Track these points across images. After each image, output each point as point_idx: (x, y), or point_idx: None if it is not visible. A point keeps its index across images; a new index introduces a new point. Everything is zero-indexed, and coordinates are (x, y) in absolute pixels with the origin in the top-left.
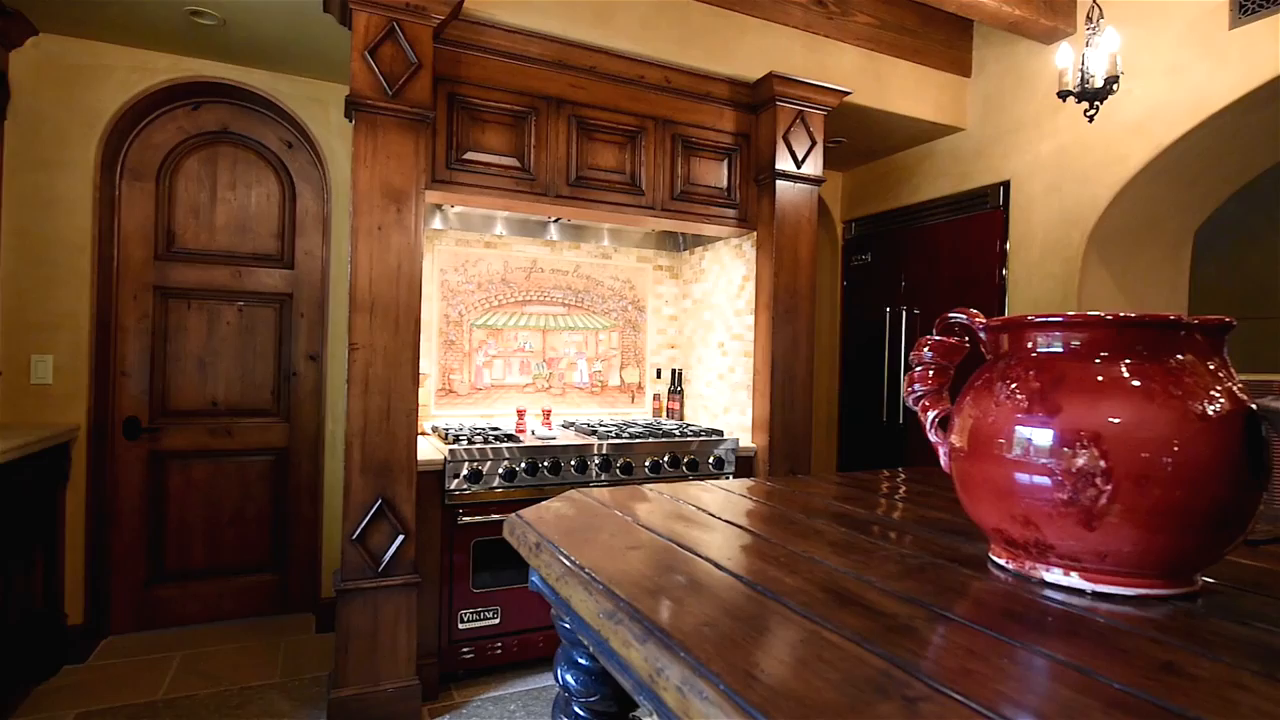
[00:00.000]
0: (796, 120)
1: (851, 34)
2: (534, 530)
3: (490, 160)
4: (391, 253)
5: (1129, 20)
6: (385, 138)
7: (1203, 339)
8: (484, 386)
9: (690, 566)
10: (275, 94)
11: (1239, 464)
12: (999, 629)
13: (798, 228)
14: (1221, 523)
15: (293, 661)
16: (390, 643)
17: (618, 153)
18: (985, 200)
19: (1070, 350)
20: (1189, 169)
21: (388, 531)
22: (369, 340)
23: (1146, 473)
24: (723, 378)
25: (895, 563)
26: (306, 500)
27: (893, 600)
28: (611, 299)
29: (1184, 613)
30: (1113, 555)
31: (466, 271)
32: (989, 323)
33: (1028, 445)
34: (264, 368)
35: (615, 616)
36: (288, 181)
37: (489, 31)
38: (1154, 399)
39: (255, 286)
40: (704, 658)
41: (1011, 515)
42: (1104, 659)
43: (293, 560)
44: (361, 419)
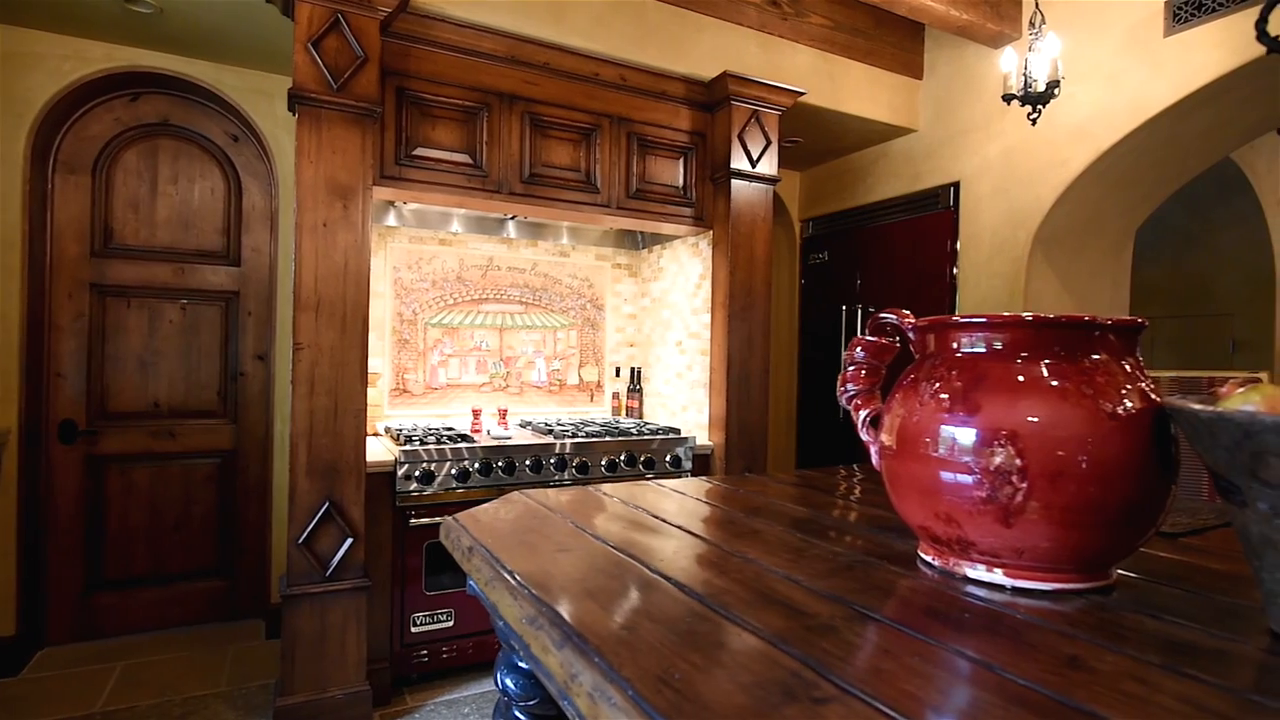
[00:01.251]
0: (752, 120)
1: (806, 35)
2: (468, 533)
3: (441, 156)
4: (338, 250)
5: (1070, 26)
6: (330, 132)
7: (1116, 339)
8: (439, 386)
9: (621, 569)
10: (218, 86)
11: (1149, 461)
12: (917, 627)
13: (753, 227)
14: (1133, 518)
15: (240, 669)
16: (339, 648)
17: (572, 150)
18: (936, 201)
19: (992, 350)
20: (1129, 171)
21: (335, 535)
22: (314, 340)
23: (1060, 470)
24: (681, 376)
25: (826, 561)
26: (255, 503)
27: (817, 599)
28: (570, 297)
29: (1097, 606)
30: (1029, 551)
31: (421, 269)
32: (916, 323)
33: (949, 444)
34: (209, 368)
35: (536, 622)
36: (233, 176)
37: (439, 25)
38: (1068, 399)
39: (199, 284)
40: (617, 663)
41: (935, 513)
42: (1013, 654)
43: (241, 565)
44: (307, 420)
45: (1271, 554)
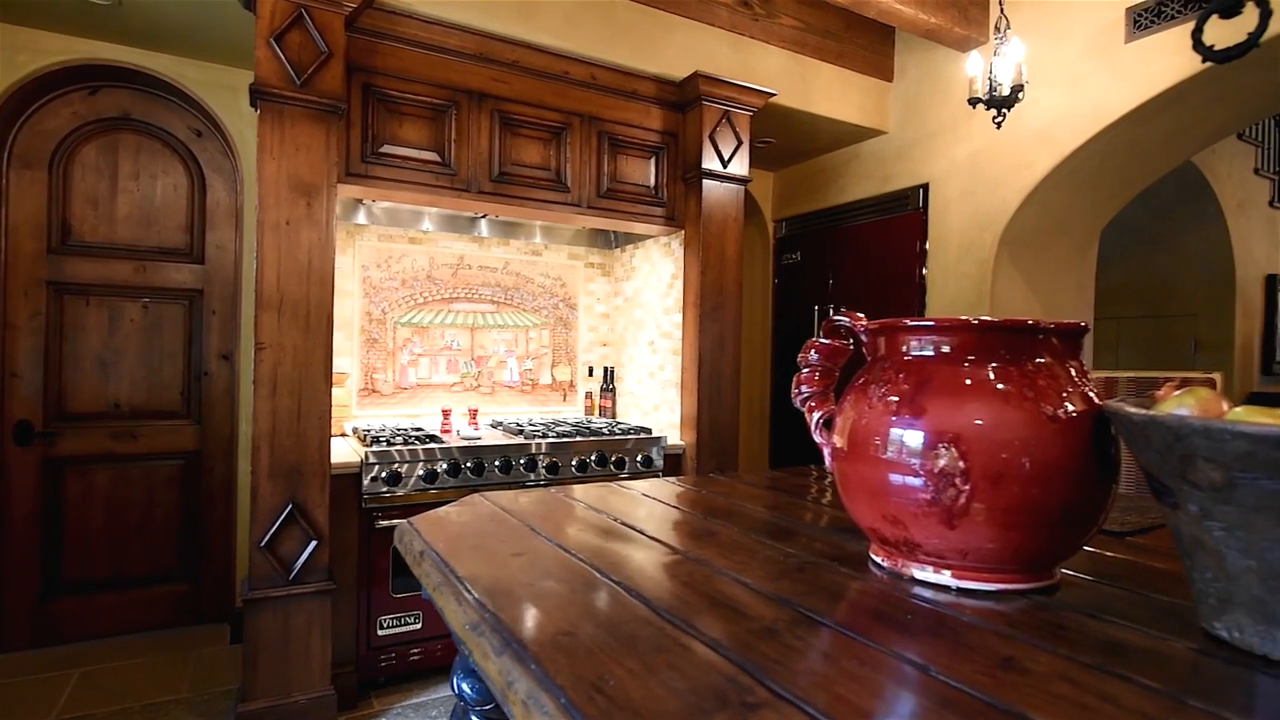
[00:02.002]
0: (723, 120)
1: (777, 36)
2: (420, 537)
3: (409, 154)
4: (301, 249)
5: (1035, 32)
6: (294, 129)
7: (1059, 343)
8: (409, 386)
9: (572, 573)
10: (181, 80)
11: (1089, 463)
12: (859, 629)
13: (724, 227)
14: (1073, 519)
15: (203, 674)
16: (303, 652)
17: (543, 149)
18: (906, 202)
19: (939, 354)
20: (1092, 175)
21: (299, 537)
22: (277, 340)
23: (1002, 472)
24: (653, 375)
25: (778, 563)
26: (220, 506)
27: (764, 602)
28: (542, 296)
29: (1039, 606)
30: (973, 552)
31: (390, 268)
32: (868, 326)
33: (896, 446)
34: (172, 368)
35: (479, 628)
36: (197, 172)
37: (406, 22)
38: (1010, 402)
39: (162, 282)
40: (553, 670)
41: (883, 515)
42: (950, 656)
43: (205, 569)
44: (270, 421)
45: (1201, 554)
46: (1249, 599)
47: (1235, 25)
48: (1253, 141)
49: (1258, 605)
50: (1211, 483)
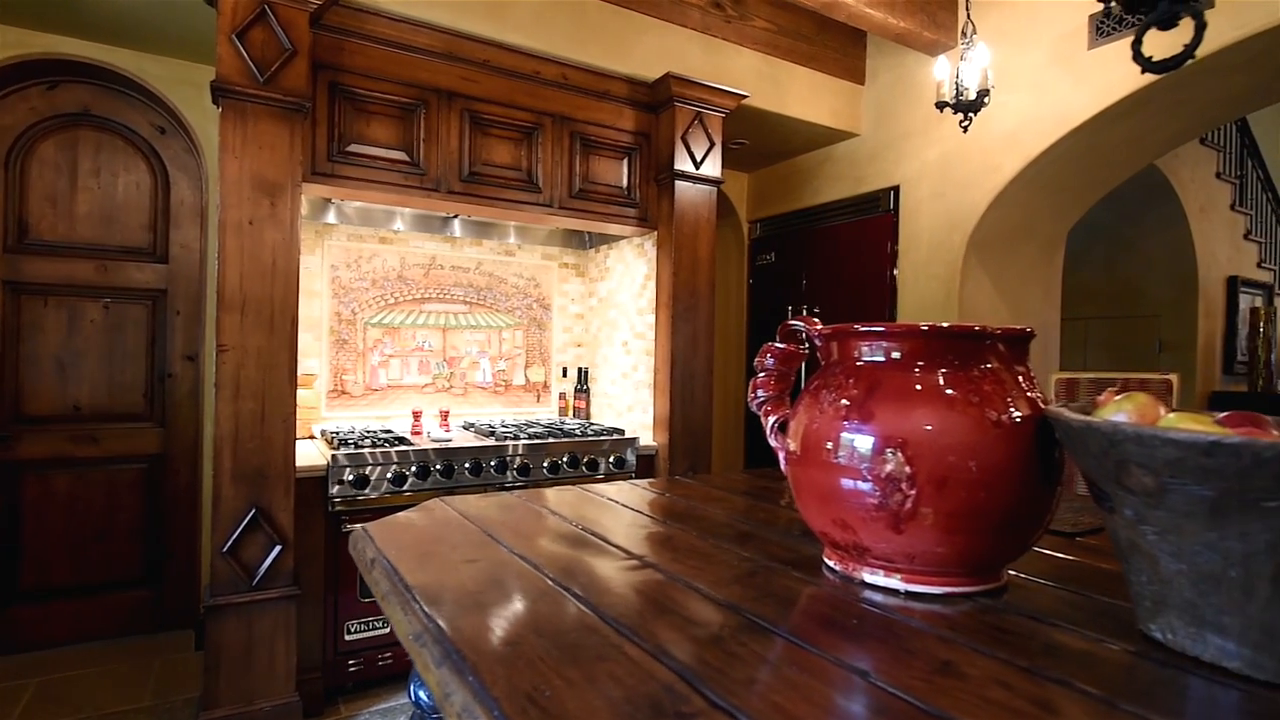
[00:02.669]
0: (695, 121)
1: (749, 38)
2: (372, 544)
3: (377, 153)
4: (265, 249)
5: (1002, 38)
6: (257, 127)
7: (1005, 348)
8: (380, 387)
9: (523, 580)
10: (142, 75)
11: (1032, 467)
12: (803, 635)
13: (697, 228)
14: (1017, 522)
15: (166, 682)
16: (266, 659)
17: (513, 149)
18: (878, 204)
19: (889, 359)
20: (1057, 178)
21: (263, 542)
22: (240, 341)
23: (946, 477)
24: (626, 376)
25: (731, 568)
26: (184, 510)
27: (713, 608)
28: (516, 297)
29: (982, 609)
30: (920, 556)
31: (360, 268)
32: (821, 331)
33: (845, 451)
34: (135, 369)
35: (421, 638)
36: (160, 169)
37: (373, 19)
38: (955, 407)
39: (124, 282)
40: (489, 681)
41: (833, 519)
42: (890, 661)
43: (170, 574)
44: (232, 424)
45: (1137, 558)
46: (1181, 602)
47: (1173, 37)
48: (1215, 147)
49: (1189, 608)
50: (1144, 488)
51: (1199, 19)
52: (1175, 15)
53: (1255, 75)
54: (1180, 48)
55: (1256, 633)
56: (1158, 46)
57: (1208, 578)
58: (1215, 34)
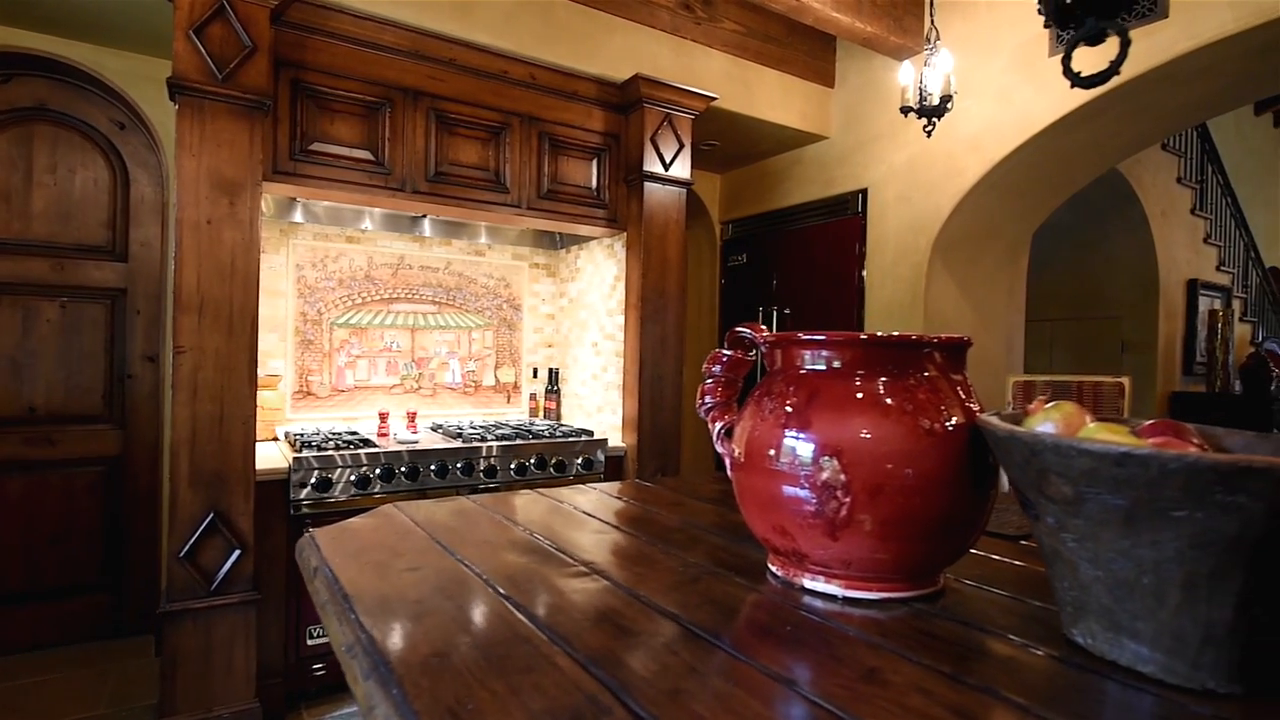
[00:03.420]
0: (664, 123)
1: (719, 40)
2: (317, 552)
3: (341, 152)
4: (224, 249)
5: (965, 44)
6: (215, 124)
7: (942, 357)
8: (346, 388)
9: (465, 589)
10: (100, 70)
11: (964, 475)
12: (736, 643)
13: (666, 229)
14: (950, 529)
15: (123, 689)
16: (225, 665)
17: (481, 149)
18: (846, 206)
19: (830, 368)
20: (1019, 182)
21: (222, 547)
22: (198, 343)
23: (880, 485)
24: (596, 377)
25: (675, 574)
26: (144, 513)
27: (651, 616)
28: (486, 297)
29: (916, 614)
30: (855, 562)
31: (326, 268)
32: (766, 338)
33: (783, 458)
34: (93, 370)
35: (353, 650)
36: (119, 166)
37: (337, 16)
38: (889, 415)
39: (82, 281)
40: (413, 694)
41: (773, 525)
42: (818, 669)
43: (129, 578)
44: (189, 427)
45: (1059, 564)
46: (1099, 607)
47: (1101, 52)
48: (1175, 152)
49: (1106, 613)
50: (1063, 496)
51: (1124, 36)
52: (1102, 33)
53: (1210, 83)
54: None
55: (1168, 638)
56: (1082, 64)
57: (1123, 584)
58: (1169, 43)
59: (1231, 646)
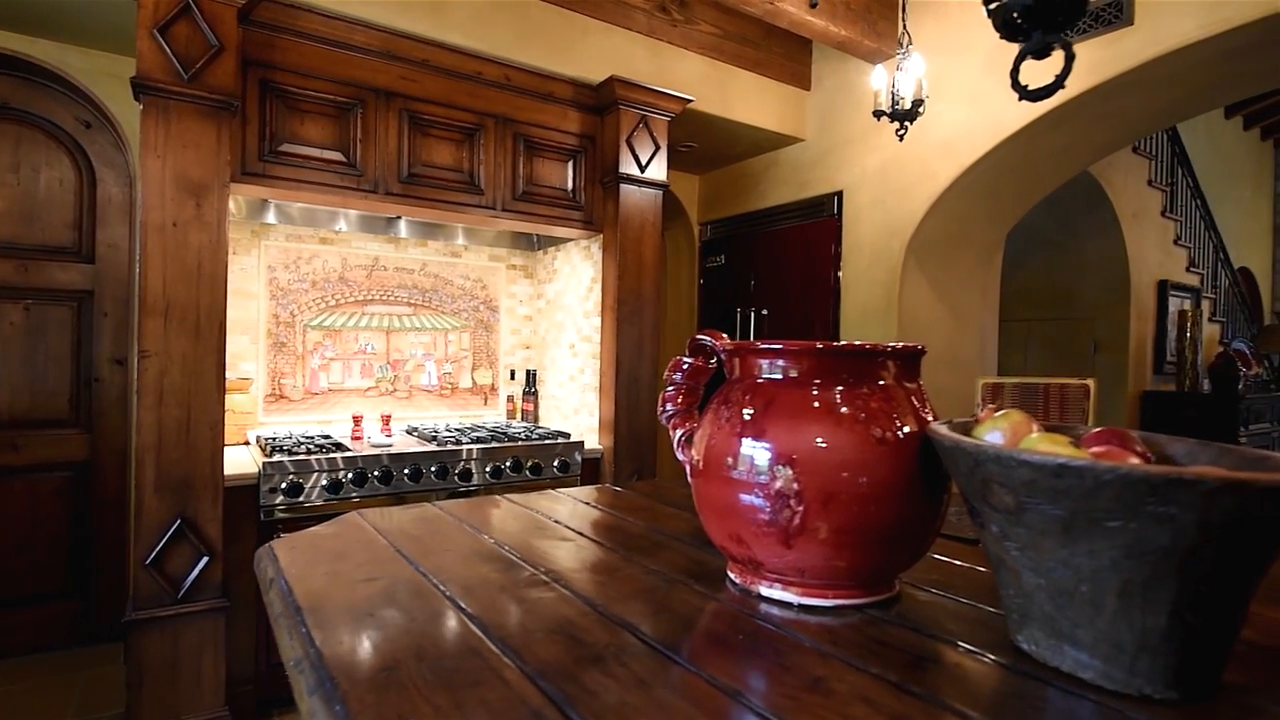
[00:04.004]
0: (640, 125)
1: (695, 42)
2: (275, 563)
3: (311, 153)
4: (190, 251)
5: (938, 48)
6: (181, 125)
7: (897, 365)
8: (320, 391)
9: (421, 600)
10: (64, 68)
11: (916, 483)
12: (688, 653)
13: (642, 231)
14: (904, 536)
15: (91, 698)
16: (193, 673)
17: (455, 150)
18: (822, 209)
19: (786, 377)
20: (992, 186)
21: (189, 554)
22: (163, 347)
23: (832, 494)
24: (574, 379)
25: (634, 582)
26: (113, 518)
27: (605, 626)
28: (462, 298)
29: (869, 621)
30: (810, 570)
31: (299, 269)
32: (725, 347)
33: (739, 467)
34: (59, 374)
35: (300, 665)
36: (85, 165)
37: (306, 16)
38: (842, 424)
39: (46, 283)
40: (356, 711)
41: (729, 533)
42: (766, 678)
43: (98, 585)
44: (155, 433)
45: (1004, 571)
46: (1041, 615)
47: (1047, 66)
48: (1146, 155)
49: (1048, 621)
50: (1005, 506)
51: (1068, 50)
52: (1048, 47)
53: (1176, 89)
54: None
55: (1106, 645)
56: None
57: (1063, 592)
58: (1136, 50)
59: (1166, 653)
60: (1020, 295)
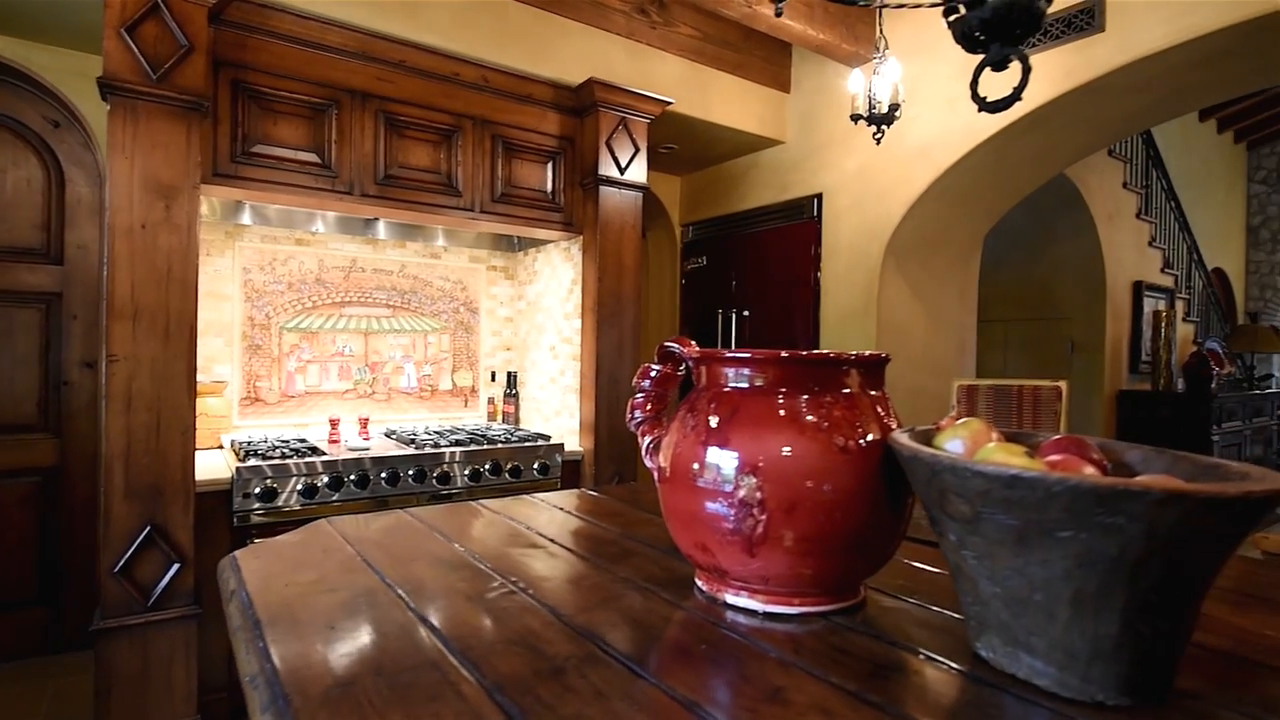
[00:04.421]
0: (619, 127)
1: (675, 44)
2: (236, 574)
3: (284, 154)
4: (160, 254)
5: (914, 52)
6: (150, 126)
7: (861, 374)
8: (297, 394)
9: (383, 611)
10: (29, 65)
11: (879, 490)
12: (648, 663)
13: (622, 233)
14: (866, 544)
15: (60, 707)
16: (164, 682)
17: (432, 151)
18: (802, 211)
19: (752, 385)
20: (968, 189)
21: (160, 561)
22: (132, 351)
23: (795, 502)
24: (554, 381)
25: (600, 590)
26: (83, 524)
27: (568, 637)
28: (442, 300)
29: (833, 629)
30: (774, 578)
31: (275, 271)
32: (691, 354)
33: (704, 475)
34: (26, 377)
35: (255, 681)
36: (54, 165)
37: (278, 16)
38: (804, 433)
39: (13, 284)
40: None
41: (694, 542)
42: (723, 690)
43: (68, 593)
44: (124, 439)
45: (962, 579)
46: (998, 622)
47: (1006, 78)
48: (1122, 158)
49: (1005, 628)
50: (962, 516)
51: (1025, 63)
52: (1006, 59)
53: (1146, 95)
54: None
55: (1060, 653)
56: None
57: (1018, 601)
58: (1107, 57)
59: (1118, 661)
60: (999, 296)
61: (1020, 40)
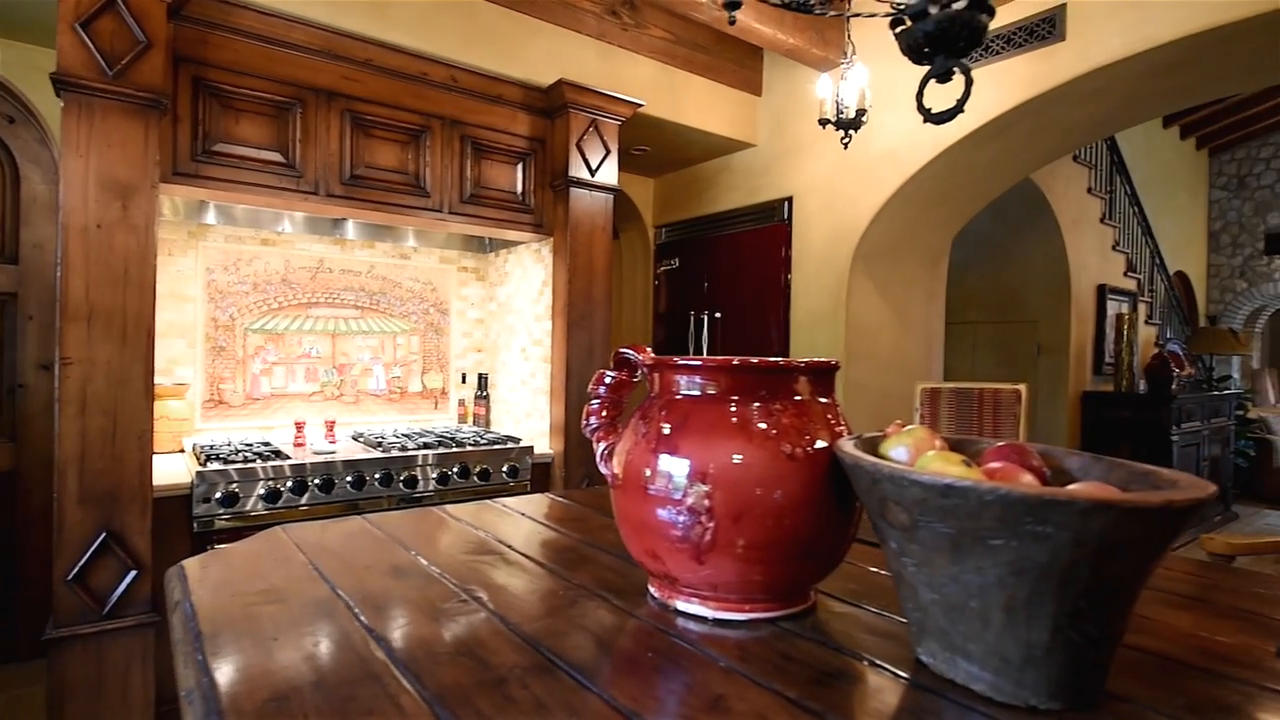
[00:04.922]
0: (590, 128)
1: (646, 46)
2: (182, 584)
3: (247, 153)
4: (116, 255)
5: (883, 57)
6: (106, 123)
7: (810, 381)
8: (262, 396)
9: (330, 622)
10: None
11: (826, 497)
12: (592, 673)
13: (593, 235)
14: (814, 551)
15: (12, 717)
16: (119, 691)
17: (400, 151)
18: (773, 214)
19: (704, 393)
20: (935, 193)
21: (115, 568)
22: (87, 354)
23: (742, 510)
24: (525, 383)
25: (554, 597)
26: (39, 531)
27: (515, 646)
28: (411, 301)
29: (779, 635)
30: (723, 585)
31: (239, 271)
32: (645, 361)
33: (654, 483)
34: None
35: (191, 695)
36: (9, 162)
37: (241, 12)
38: (752, 440)
39: None
40: None
41: (645, 549)
42: (665, 699)
43: (21, 601)
44: (78, 443)
45: (903, 586)
46: (937, 629)
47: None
48: (1086, 164)
49: (943, 635)
50: (901, 523)
51: (968, 75)
52: (950, 71)
53: (1105, 103)
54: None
55: (995, 659)
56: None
57: (955, 607)
58: (1067, 65)
59: (1050, 666)
60: (967, 298)
61: (964, 53)
